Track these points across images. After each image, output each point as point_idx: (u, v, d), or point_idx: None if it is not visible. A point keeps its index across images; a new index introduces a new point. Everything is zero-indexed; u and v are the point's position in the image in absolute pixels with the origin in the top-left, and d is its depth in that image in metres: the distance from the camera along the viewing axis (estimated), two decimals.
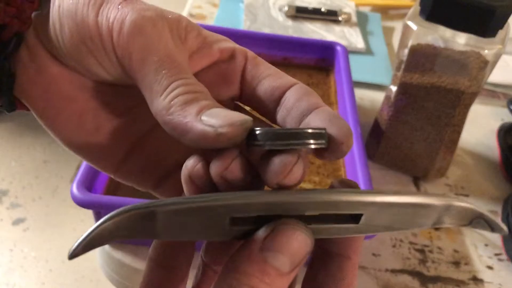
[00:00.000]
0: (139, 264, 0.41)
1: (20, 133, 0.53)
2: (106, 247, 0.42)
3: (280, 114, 0.21)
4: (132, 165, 0.24)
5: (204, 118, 0.18)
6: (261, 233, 0.18)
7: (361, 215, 0.18)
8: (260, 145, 0.18)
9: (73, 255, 0.17)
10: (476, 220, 0.20)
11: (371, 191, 0.19)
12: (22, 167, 0.49)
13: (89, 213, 0.40)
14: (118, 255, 0.42)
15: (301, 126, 0.20)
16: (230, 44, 0.23)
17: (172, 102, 0.18)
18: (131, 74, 0.20)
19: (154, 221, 0.18)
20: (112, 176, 0.24)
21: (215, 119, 0.18)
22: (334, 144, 0.19)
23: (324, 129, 0.19)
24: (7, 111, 0.22)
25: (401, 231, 0.20)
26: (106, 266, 0.44)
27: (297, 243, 0.17)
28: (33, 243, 0.44)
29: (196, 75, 0.22)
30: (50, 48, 0.21)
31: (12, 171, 0.48)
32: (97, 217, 0.41)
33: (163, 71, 0.19)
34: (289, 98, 0.21)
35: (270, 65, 0.23)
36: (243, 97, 0.23)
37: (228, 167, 0.18)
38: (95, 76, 0.21)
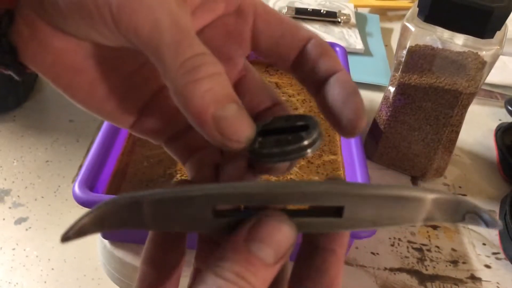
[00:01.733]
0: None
1: (22, 133, 0.54)
2: (108, 245, 0.43)
3: (302, 72, 0.22)
4: (147, 122, 0.23)
5: (217, 122, 0.17)
6: (246, 224, 0.18)
7: (342, 207, 0.18)
8: (259, 159, 0.19)
9: (65, 238, 0.18)
10: (469, 215, 0.20)
11: (352, 183, 0.19)
12: (24, 167, 0.49)
13: None
14: (120, 253, 0.42)
15: (294, 121, 0.20)
16: None
17: (185, 80, 0.17)
18: (138, 47, 0.18)
19: (141, 210, 0.18)
20: (129, 131, 0.24)
21: (228, 127, 0.17)
22: (345, 128, 0.19)
23: (319, 134, 0.19)
24: (18, 78, 0.22)
25: (391, 227, 0.19)
26: (107, 265, 0.44)
27: (281, 234, 0.17)
28: (35, 242, 0.44)
29: (201, 32, 0.21)
30: (48, 19, 0.20)
31: (14, 171, 0.49)
32: None
33: (174, 44, 0.17)
34: (308, 57, 0.21)
35: (281, 17, 0.22)
36: (257, 52, 0.22)
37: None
38: (99, 43, 0.20)
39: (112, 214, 0.18)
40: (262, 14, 0.21)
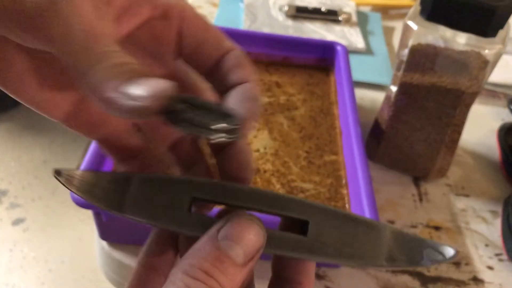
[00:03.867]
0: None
1: (20, 133, 0.53)
2: (106, 247, 0.42)
3: (215, 81, 0.23)
4: (80, 117, 0.24)
5: (123, 91, 0.17)
6: (218, 223, 0.18)
7: (307, 223, 0.19)
8: (174, 124, 0.18)
9: (57, 172, 0.19)
10: (428, 250, 0.20)
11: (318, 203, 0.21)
12: (21, 167, 0.49)
13: (89, 213, 0.40)
14: (118, 255, 0.42)
15: (221, 108, 0.20)
16: (163, 0, 0.22)
17: (94, 79, 0.18)
18: (54, 53, 0.19)
19: (128, 188, 0.20)
20: (63, 124, 0.24)
21: (137, 90, 0.17)
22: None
23: (237, 125, 0.19)
24: None
25: (354, 263, 0.20)
26: (106, 266, 0.44)
27: (251, 234, 0.18)
28: (33, 243, 0.43)
29: (129, 35, 0.22)
30: None
31: (11, 171, 0.48)
32: (97, 217, 0.41)
33: (85, 50, 0.18)
34: (224, 66, 0.22)
35: (208, 25, 0.23)
36: (180, 56, 0.23)
37: None
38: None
39: (103, 183, 0.19)
40: (189, 19, 0.22)
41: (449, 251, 0.20)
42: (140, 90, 0.17)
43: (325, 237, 0.19)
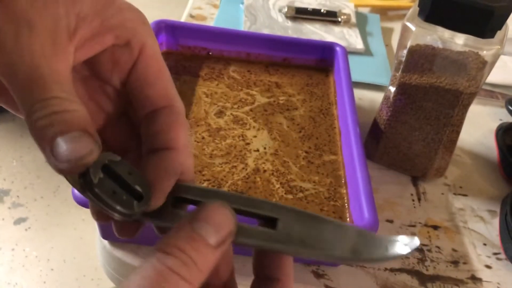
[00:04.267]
0: (140, 263, 0.41)
1: (21, 133, 0.53)
2: (107, 246, 0.43)
3: (143, 131, 0.23)
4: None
5: (54, 147, 0.18)
6: (194, 210, 0.20)
7: (277, 219, 0.21)
8: (83, 193, 0.20)
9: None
10: (391, 244, 0.21)
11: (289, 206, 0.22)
12: (23, 167, 0.49)
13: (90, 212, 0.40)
14: (119, 254, 0.42)
15: (137, 182, 0.21)
16: (128, 30, 0.22)
17: (34, 125, 0.18)
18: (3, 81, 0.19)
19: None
20: None
21: (62, 150, 0.18)
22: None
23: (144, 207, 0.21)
24: None
25: (320, 257, 0.21)
26: (107, 265, 0.44)
27: (222, 216, 0.19)
28: (35, 243, 0.44)
29: (91, 58, 0.23)
30: None
31: (13, 171, 0.49)
32: None
33: (27, 92, 0.18)
34: (159, 120, 0.23)
35: (163, 70, 0.23)
36: (125, 85, 0.24)
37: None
38: None
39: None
40: (146, 56, 0.23)
41: (413, 243, 0.21)
42: (64, 150, 0.18)
43: (293, 231, 0.21)
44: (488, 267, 0.47)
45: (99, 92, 0.24)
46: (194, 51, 0.62)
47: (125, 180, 0.21)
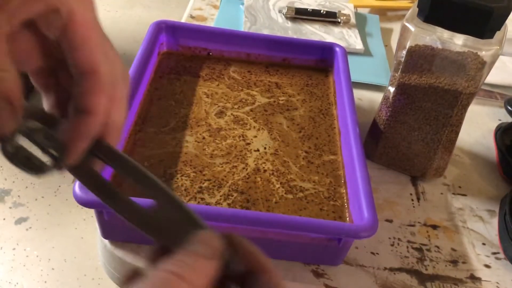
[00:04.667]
0: (141, 263, 0.42)
1: None
2: (108, 245, 0.43)
3: (73, 90, 0.25)
4: None
5: None
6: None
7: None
8: (4, 156, 0.23)
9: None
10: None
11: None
12: None
13: (91, 212, 0.40)
14: (120, 253, 0.42)
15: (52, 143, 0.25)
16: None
17: None
18: None
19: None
20: None
21: None
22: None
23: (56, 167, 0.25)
24: None
25: None
26: (107, 265, 0.44)
27: (215, 240, 0.22)
28: (36, 242, 0.44)
29: (31, 20, 0.23)
30: None
31: (14, 171, 0.49)
32: (99, 216, 0.41)
33: None
34: (82, 84, 0.24)
35: (91, 34, 0.24)
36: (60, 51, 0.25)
37: None
38: None
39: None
40: (74, 23, 0.24)
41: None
42: None
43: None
44: (487, 266, 0.47)
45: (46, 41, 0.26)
46: (194, 51, 0.62)
47: (41, 145, 0.24)
